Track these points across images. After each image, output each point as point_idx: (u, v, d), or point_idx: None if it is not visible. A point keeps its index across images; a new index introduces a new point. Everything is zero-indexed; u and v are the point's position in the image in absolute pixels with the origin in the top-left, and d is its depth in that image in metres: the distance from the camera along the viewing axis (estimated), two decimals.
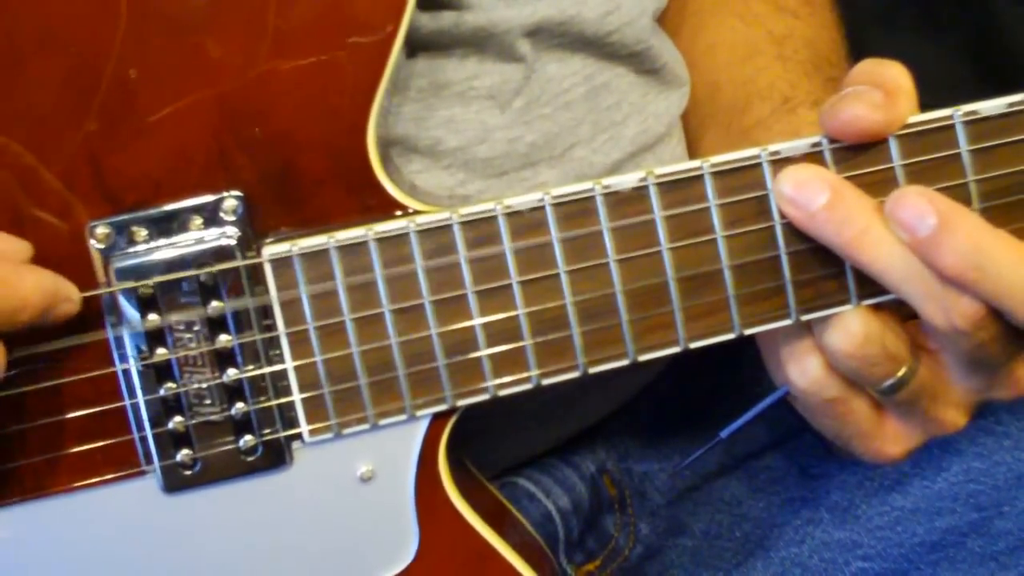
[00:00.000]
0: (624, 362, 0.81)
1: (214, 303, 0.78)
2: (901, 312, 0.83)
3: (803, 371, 0.83)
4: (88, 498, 0.80)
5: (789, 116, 0.98)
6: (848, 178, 0.80)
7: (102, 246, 0.78)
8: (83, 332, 0.79)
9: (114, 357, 0.79)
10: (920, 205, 0.76)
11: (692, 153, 1.02)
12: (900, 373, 0.81)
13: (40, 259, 0.78)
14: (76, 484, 0.80)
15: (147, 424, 0.79)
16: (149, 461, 0.80)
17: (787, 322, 0.82)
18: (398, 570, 0.83)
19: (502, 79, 0.88)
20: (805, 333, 0.83)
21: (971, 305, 0.76)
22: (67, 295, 0.76)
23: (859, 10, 1.11)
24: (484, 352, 0.80)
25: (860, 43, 1.11)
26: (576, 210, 0.80)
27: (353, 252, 0.79)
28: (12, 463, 0.80)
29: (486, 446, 0.90)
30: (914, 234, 0.76)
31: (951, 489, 1.00)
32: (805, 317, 0.82)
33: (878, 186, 0.80)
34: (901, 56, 0.83)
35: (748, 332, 0.81)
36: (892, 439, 0.85)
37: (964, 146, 0.80)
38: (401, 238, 0.79)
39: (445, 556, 0.83)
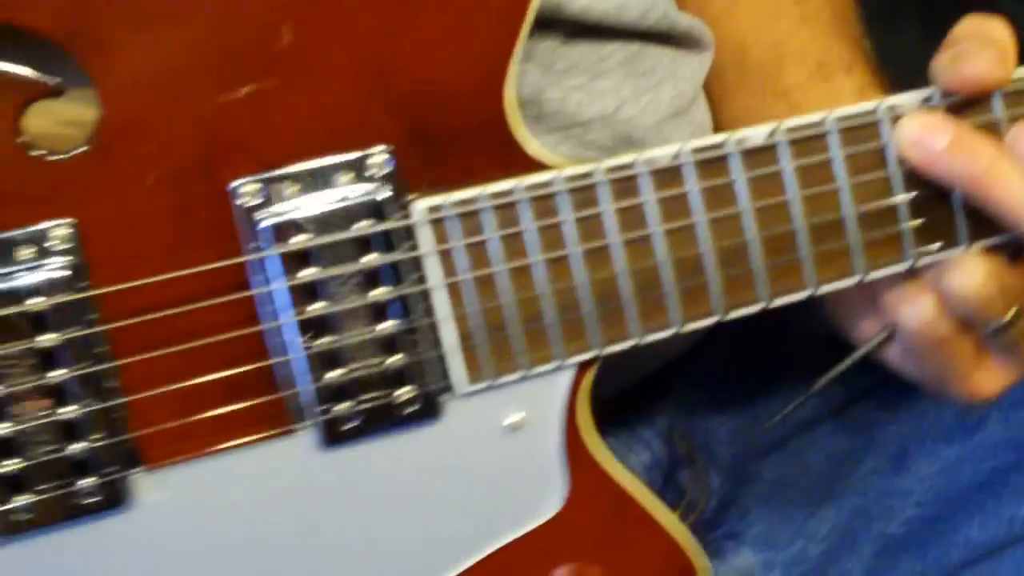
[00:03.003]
0: (759, 307, 0.84)
1: (367, 256, 0.79)
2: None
3: (917, 311, 0.87)
4: (238, 458, 0.80)
5: (826, 83, 1.02)
6: None
7: (250, 203, 0.78)
8: (229, 292, 0.79)
9: (264, 314, 0.79)
10: None
11: (718, 116, 1.05)
12: (1011, 314, 0.86)
13: (183, 219, 0.78)
14: (224, 445, 0.80)
15: (306, 379, 0.79)
16: (301, 418, 0.80)
17: (904, 266, 0.86)
18: (545, 519, 0.84)
19: (539, 40, 0.89)
20: (913, 276, 0.88)
21: None
22: None
23: (861, 9, 1.16)
24: (630, 300, 0.82)
25: None
26: (712, 161, 0.83)
27: (504, 204, 0.81)
28: (158, 426, 0.79)
29: None
30: None
31: (991, 437, 1.05)
32: (920, 262, 0.86)
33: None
34: (903, 55, 0.89)
35: (869, 278, 0.86)
36: (990, 379, 0.90)
37: None
38: (550, 190, 0.81)
39: (590, 503, 0.84)
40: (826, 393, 0.98)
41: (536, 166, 0.82)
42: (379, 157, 0.80)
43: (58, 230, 0.76)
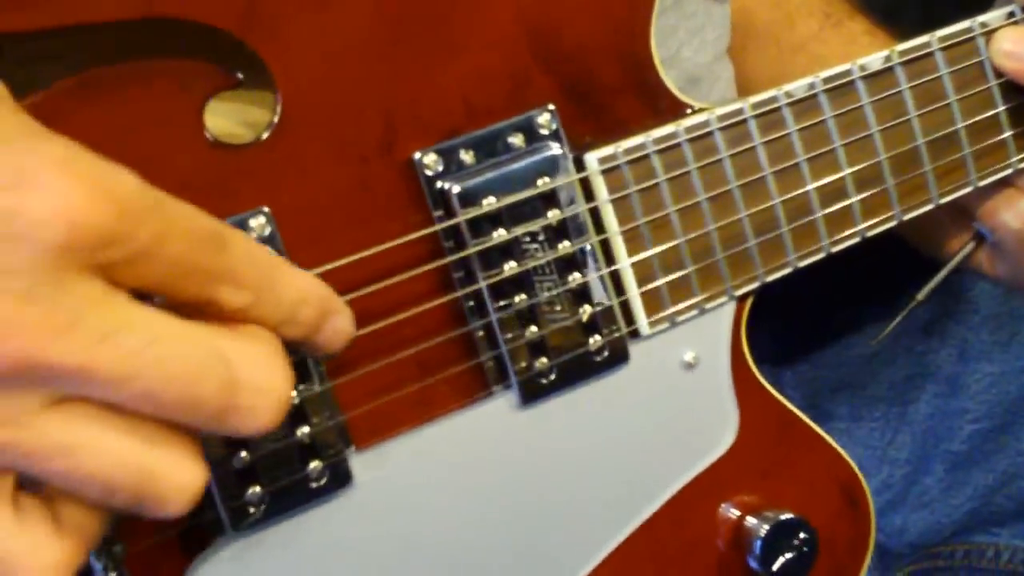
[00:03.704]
0: (893, 223, 0.89)
1: (551, 212, 0.81)
2: None
3: (1018, 212, 0.94)
4: (443, 428, 0.80)
5: (838, 29, 1.08)
6: None
7: (433, 173, 0.79)
8: (423, 263, 0.79)
9: (458, 281, 0.80)
10: None
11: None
12: None
13: (365, 196, 0.78)
14: (428, 419, 0.80)
15: (504, 339, 0.80)
16: (499, 380, 0.81)
17: (1008, 171, 0.92)
18: (724, 450, 0.87)
19: None
20: (1007, 184, 0.94)
21: None
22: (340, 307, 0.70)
23: (863, 8, 1.21)
24: (785, 228, 0.86)
25: None
26: (841, 88, 0.87)
27: (668, 148, 0.83)
28: (363, 407, 0.79)
29: None
30: None
31: None
32: (1022, 165, 0.92)
33: None
34: None
35: (981, 184, 0.91)
36: None
37: None
38: (706, 130, 0.84)
39: (761, 429, 0.88)
40: (876, 331, 1.04)
41: (685, 108, 0.85)
42: (544, 116, 0.82)
43: (256, 219, 0.76)
